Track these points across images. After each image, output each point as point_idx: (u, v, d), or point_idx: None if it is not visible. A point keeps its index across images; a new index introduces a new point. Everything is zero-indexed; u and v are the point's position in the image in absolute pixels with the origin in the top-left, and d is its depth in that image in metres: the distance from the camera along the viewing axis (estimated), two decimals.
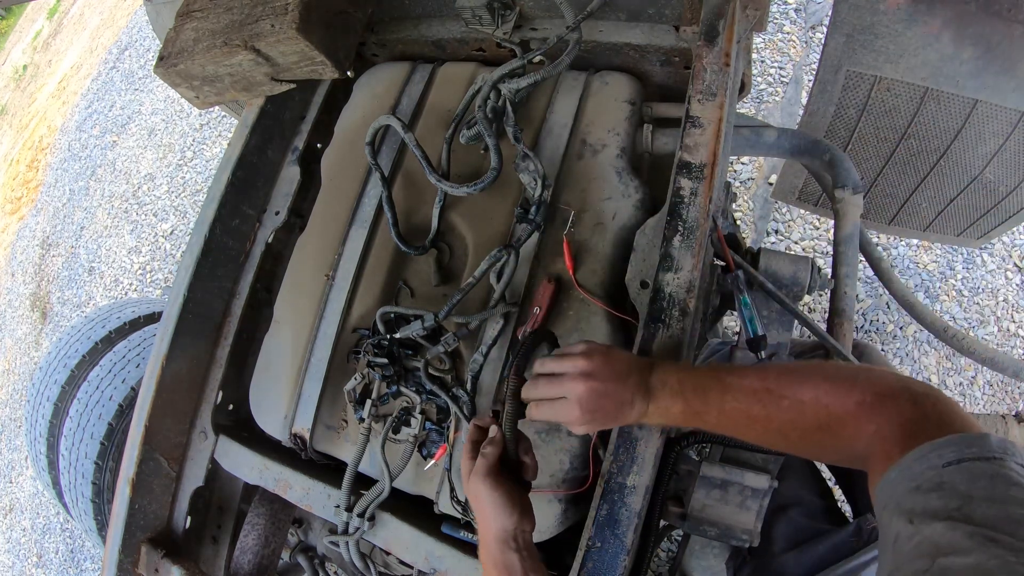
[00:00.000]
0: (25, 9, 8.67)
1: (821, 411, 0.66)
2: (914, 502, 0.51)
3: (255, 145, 1.31)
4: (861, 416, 0.63)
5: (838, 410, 0.65)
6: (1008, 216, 1.66)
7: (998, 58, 1.23)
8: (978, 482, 0.49)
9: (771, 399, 0.69)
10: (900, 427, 0.59)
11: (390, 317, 1.11)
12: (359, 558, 1.18)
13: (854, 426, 0.63)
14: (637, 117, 1.20)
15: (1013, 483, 0.49)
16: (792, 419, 0.68)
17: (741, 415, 0.71)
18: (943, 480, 0.51)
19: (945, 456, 0.52)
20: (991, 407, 2.30)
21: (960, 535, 0.46)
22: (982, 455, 0.51)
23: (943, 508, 0.49)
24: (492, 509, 0.77)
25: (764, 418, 0.70)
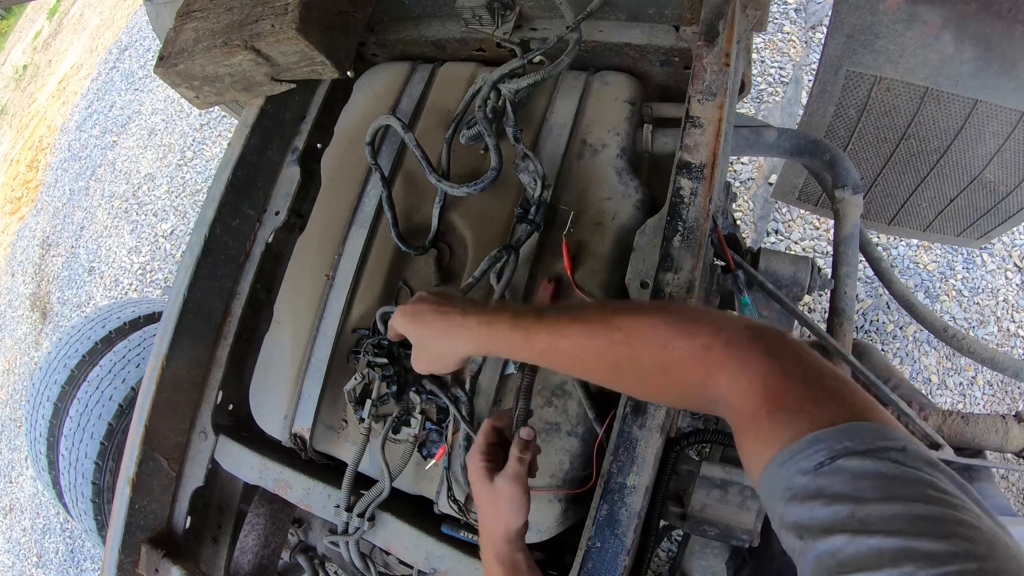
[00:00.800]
0: (25, 9, 8.67)
1: (659, 351, 0.59)
2: (797, 515, 0.45)
3: (255, 145, 1.31)
4: (709, 360, 0.56)
5: (679, 352, 0.58)
6: (1008, 216, 1.66)
7: (998, 58, 1.23)
8: (860, 482, 0.44)
9: (605, 330, 0.63)
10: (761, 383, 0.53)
11: (390, 317, 1.11)
12: (359, 558, 1.18)
13: (701, 373, 0.57)
14: (637, 117, 1.20)
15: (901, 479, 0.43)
16: (628, 355, 0.61)
17: (572, 343, 0.65)
18: (820, 485, 0.45)
19: (815, 456, 0.46)
20: (991, 407, 2.31)
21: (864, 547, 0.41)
22: (855, 449, 0.45)
23: (832, 518, 0.43)
24: (512, 510, 0.77)
25: (596, 349, 0.63)
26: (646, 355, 0.60)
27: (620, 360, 0.62)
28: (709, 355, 0.56)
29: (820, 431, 0.47)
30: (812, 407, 0.50)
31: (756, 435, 0.52)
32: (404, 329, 0.83)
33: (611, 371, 0.64)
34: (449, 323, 0.77)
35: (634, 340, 0.61)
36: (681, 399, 0.63)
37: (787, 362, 0.54)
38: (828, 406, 0.49)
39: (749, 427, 0.53)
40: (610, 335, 0.62)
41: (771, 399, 0.52)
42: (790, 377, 0.53)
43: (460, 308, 0.78)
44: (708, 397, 0.57)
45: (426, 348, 0.81)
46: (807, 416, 0.49)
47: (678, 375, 0.59)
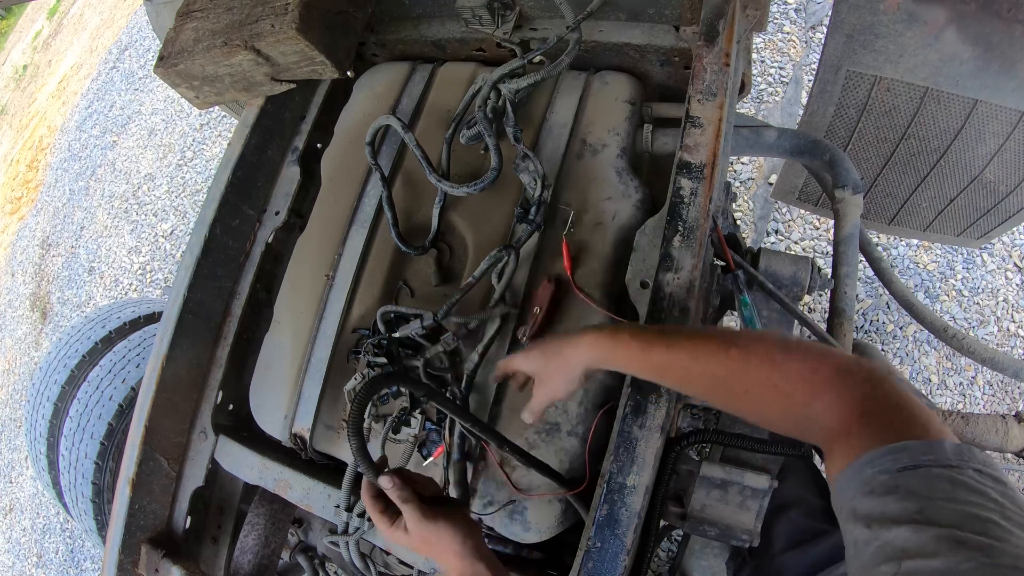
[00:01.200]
0: (25, 9, 8.67)
1: (772, 370, 0.64)
2: (870, 507, 0.50)
3: (255, 145, 1.31)
4: (816, 383, 0.61)
5: (790, 371, 0.63)
6: (1008, 216, 1.66)
7: (998, 58, 1.23)
8: (936, 486, 0.48)
9: (720, 344, 0.68)
10: (858, 404, 0.58)
11: (390, 317, 1.11)
12: (359, 558, 1.18)
13: (807, 392, 0.62)
14: (637, 117, 1.20)
15: (973, 489, 0.48)
16: (739, 369, 0.66)
17: (688, 357, 0.70)
18: (899, 484, 0.49)
19: (900, 460, 0.51)
20: (991, 407, 2.31)
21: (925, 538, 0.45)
22: (939, 461, 0.50)
23: (903, 512, 0.47)
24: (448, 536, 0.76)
25: (710, 363, 0.68)
26: (757, 371, 0.65)
27: (731, 374, 0.67)
28: (816, 376, 0.61)
29: (908, 441, 0.52)
30: (900, 426, 0.55)
31: (844, 444, 0.56)
32: (526, 361, 0.87)
33: (720, 385, 0.69)
34: (571, 340, 0.81)
35: (749, 356, 0.66)
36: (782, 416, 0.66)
37: (883, 389, 0.59)
38: (915, 426, 0.54)
39: (840, 439, 0.58)
40: (726, 351, 0.68)
41: (865, 416, 0.57)
42: (885, 399, 0.58)
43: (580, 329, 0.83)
44: (809, 417, 0.62)
45: (549, 371, 0.83)
46: (895, 430, 0.54)
47: (785, 391, 0.63)
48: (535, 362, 0.86)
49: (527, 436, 1.02)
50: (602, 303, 1.05)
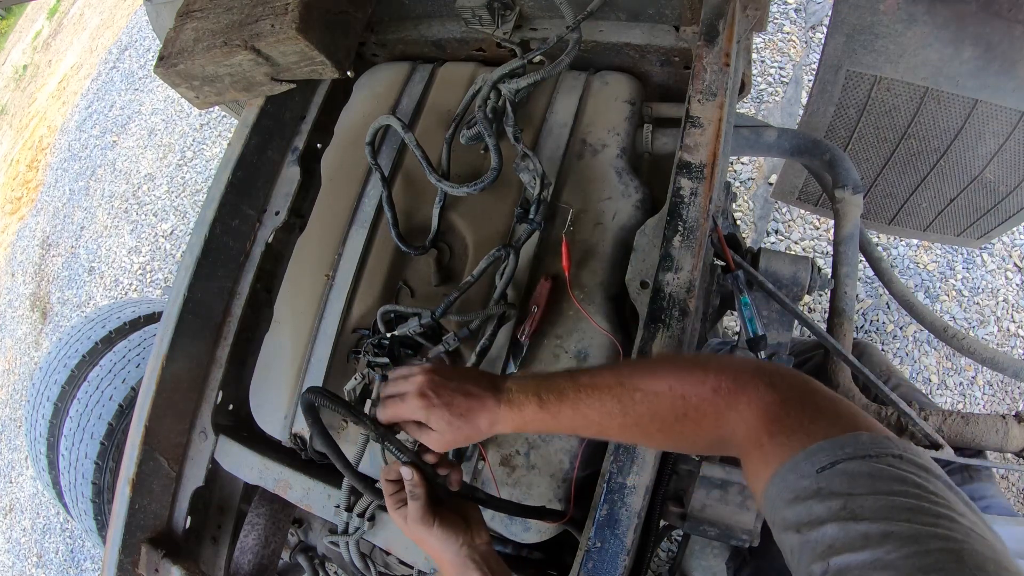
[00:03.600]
0: (25, 9, 8.67)
1: (677, 401, 0.65)
2: (797, 514, 0.50)
3: (255, 145, 1.31)
4: (719, 402, 0.62)
5: (694, 399, 0.64)
6: (1008, 216, 1.66)
7: (998, 58, 1.23)
8: (857, 480, 0.48)
9: (624, 392, 0.69)
10: (763, 411, 0.58)
11: (391, 316, 1.11)
12: (359, 558, 1.18)
13: (713, 413, 0.63)
14: (637, 117, 1.20)
15: (893, 478, 0.48)
16: (648, 411, 0.67)
17: (596, 411, 0.70)
18: (820, 486, 0.49)
19: (818, 461, 0.51)
20: (991, 407, 2.31)
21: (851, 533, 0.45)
22: (856, 454, 0.50)
23: (826, 512, 0.48)
24: (439, 543, 0.77)
25: (620, 413, 0.69)
26: (665, 407, 0.66)
27: (643, 418, 0.68)
28: (717, 396, 0.62)
29: (823, 441, 0.52)
30: (809, 424, 0.55)
31: (759, 456, 0.57)
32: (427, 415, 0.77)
33: (636, 429, 0.70)
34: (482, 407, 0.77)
35: (652, 397, 0.67)
36: (701, 442, 0.68)
37: (785, 390, 0.59)
38: (822, 422, 0.54)
39: (753, 452, 0.58)
40: (631, 396, 0.68)
41: (771, 423, 0.57)
42: (787, 402, 0.58)
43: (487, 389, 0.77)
44: (722, 435, 0.63)
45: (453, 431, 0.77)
46: (804, 432, 0.54)
47: (695, 419, 0.64)
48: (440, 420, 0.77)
49: (527, 436, 1.02)
50: (602, 303, 1.05)
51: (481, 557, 0.77)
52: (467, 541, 0.77)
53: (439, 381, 0.78)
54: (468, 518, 0.80)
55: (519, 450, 1.02)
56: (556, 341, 1.04)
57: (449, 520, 0.78)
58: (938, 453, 1.16)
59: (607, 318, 1.04)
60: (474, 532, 0.79)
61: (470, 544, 0.77)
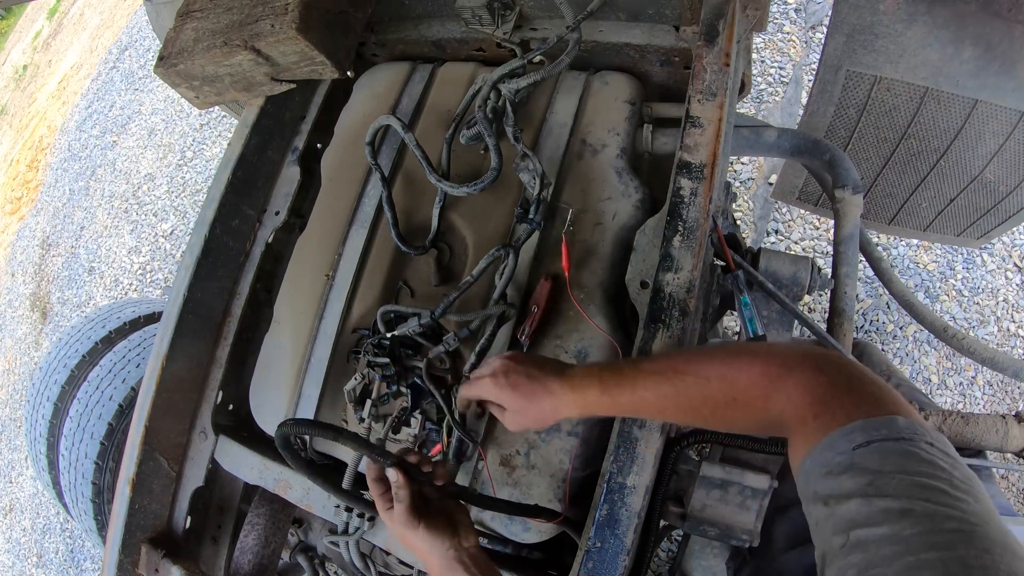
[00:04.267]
0: (25, 9, 8.67)
1: (726, 385, 0.68)
2: (827, 487, 0.52)
3: (255, 145, 1.31)
4: (768, 385, 0.64)
5: (743, 382, 0.67)
6: (1008, 216, 1.66)
7: (998, 58, 1.23)
8: (888, 459, 0.50)
9: (677, 377, 0.72)
10: (810, 392, 0.60)
11: (391, 316, 1.11)
12: (359, 558, 1.18)
13: (762, 396, 0.65)
14: (637, 117, 1.20)
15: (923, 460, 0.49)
16: (700, 394, 0.70)
17: (653, 394, 0.74)
18: (853, 462, 0.51)
19: (854, 440, 0.53)
20: (991, 407, 2.31)
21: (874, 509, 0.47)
22: (891, 436, 0.52)
23: (855, 486, 0.50)
24: (424, 544, 0.78)
25: (674, 395, 0.73)
26: (716, 392, 0.69)
27: (695, 401, 0.71)
28: (765, 379, 0.65)
29: (859, 421, 0.54)
30: (851, 407, 0.56)
31: (802, 433, 0.59)
32: (498, 394, 0.84)
33: (689, 412, 0.73)
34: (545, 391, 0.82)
35: (703, 381, 0.70)
36: (752, 424, 0.70)
37: (832, 373, 0.61)
38: (865, 405, 0.56)
39: (799, 430, 0.60)
40: (683, 380, 0.72)
41: (817, 403, 0.59)
42: (834, 384, 0.60)
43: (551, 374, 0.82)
44: (771, 418, 0.65)
45: (525, 414, 0.84)
46: (846, 413, 0.56)
47: (745, 402, 0.67)
48: (508, 399, 0.84)
49: (527, 436, 1.02)
50: (602, 303, 1.05)
51: (469, 559, 0.78)
52: (454, 544, 0.78)
53: (511, 366, 0.84)
54: (455, 521, 0.81)
55: (519, 450, 1.02)
56: (556, 341, 1.04)
57: (436, 522, 0.79)
58: None
59: (607, 318, 1.04)
60: (462, 534, 0.80)
61: (456, 547, 0.78)
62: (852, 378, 0.60)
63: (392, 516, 0.80)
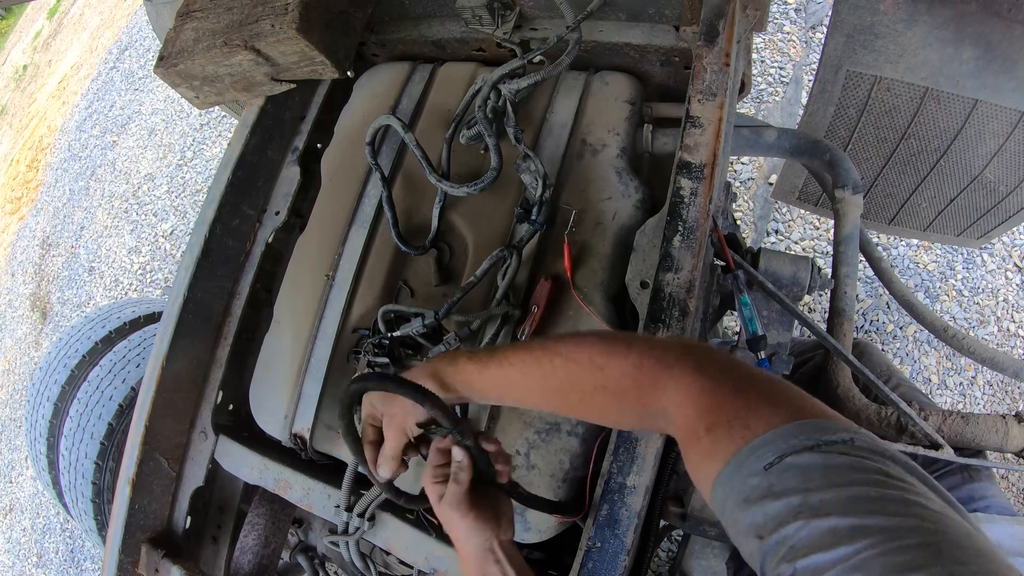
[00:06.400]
0: (25, 9, 8.67)
1: (596, 371, 0.63)
2: (752, 518, 0.46)
3: (255, 145, 1.31)
4: (641, 378, 0.59)
5: (614, 371, 0.62)
6: (1008, 216, 1.66)
7: (998, 58, 1.23)
8: (810, 474, 0.45)
9: (545, 356, 0.68)
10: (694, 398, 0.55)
11: (391, 316, 1.11)
12: (359, 558, 1.18)
13: (635, 388, 0.60)
14: (637, 117, 1.20)
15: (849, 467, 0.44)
16: (567, 378, 0.66)
17: (519, 372, 0.70)
18: (771, 483, 0.46)
19: (763, 457, 0.47)
20: (991, 407, 2.31)
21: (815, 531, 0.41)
22: (802, 445, 0.46)
23: (785, 510, 0.44)
24: (467, 532, 0.75)
25: (540, 376, 0.68)
26: (584, 376, 0.64)
27: (562, 384, 0.67)
28: (640, 373, 0.60)
29: (764, 435, 0.48)
30: (747, 416, 0.51)
31: (698, 453, 0.54)
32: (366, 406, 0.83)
33: (556, 395, 0.69)
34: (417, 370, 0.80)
35: (571, 364, 0.65)
36: (623, 417, 0.66)
37: (716, 375, 0.56)
38: (762, 412, 0.51)
39: (691, 445, 0.55)
40: (551, 360, 0.67)
41: (706, 415, 0.54)
42: (721, 390, 0.54)
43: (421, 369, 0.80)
44: (649, 414, 0.61)
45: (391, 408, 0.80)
46: (742, 424, 0.50)
47: (614, 393, 0.62)
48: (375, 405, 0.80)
49: (527, 436, 1.02)
50: (602, 304, 1.05)
51: (505, 554, 0.76)
52: (496, 535, 0.75)
53: None
54: (500, 513, 0.78)
55: (519, 450, 1.02)
56: None
57: (484, 512, 0.75)
58: (938, 453, 1.16)
59: (607, 318, 1.04)
60: (503, 527, 0.77)
61: (498, 539, 0.76)
62: (739, 379, 0.55)
63: (441, 493, 0.76)
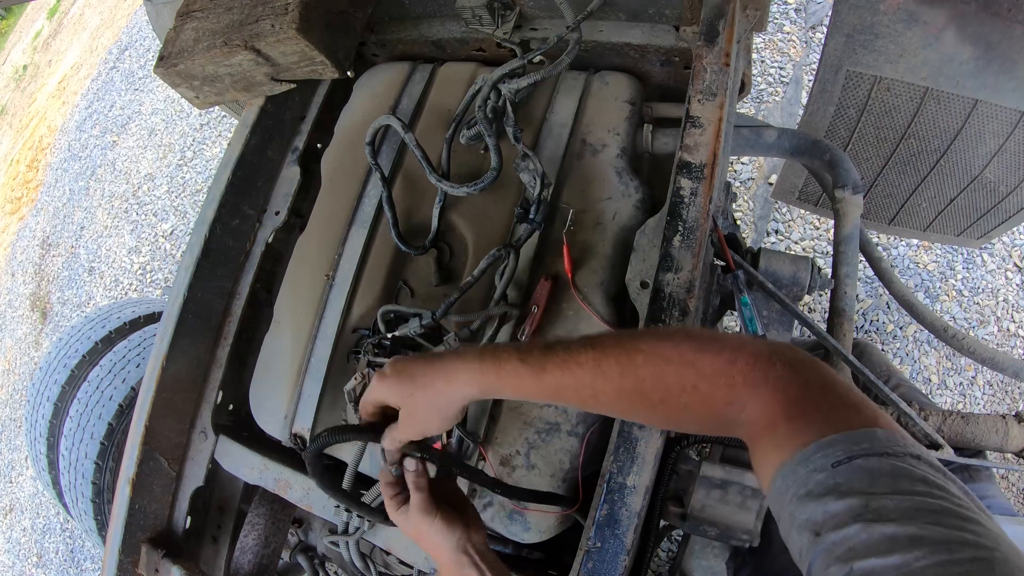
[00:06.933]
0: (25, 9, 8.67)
1: (686, 368, 0.58)
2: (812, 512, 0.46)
3: (255, 145, 1.31)
4: (735, 376, 0.56)
5: (708, 369, 0.57)
6: (1008, 216, 1.66)
7: (998, 58, 1.23)
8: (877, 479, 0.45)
9: (624, 354, 0.60)
10: (781, 393, 0.54)
11: (391, 316, 1.11)
12: (359, 558, 1.18)
13: (726, 387, 0.57)
14: (637, 117, 1.20)
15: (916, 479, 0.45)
16: (652, 375, 0.59)
17: (589, 373, 0.61)
18: (837, 482, 0.46)
19: (833, 455, 0.47)
20: (991, 407, 2.31)
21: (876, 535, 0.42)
22: (873, 451, 0.46)
23: (847, 510, 0.44)
24: (438, 537, 0.75)
25: (618, 375, 0.60)
26: (672, 373, 0.59)
27: (643, 382, 0.60)
28: (734, 369, 0.57)
29: (836, 435, 0.48)
30: (829, 412, 0.51)
31: (772, 440, 0.53)
32: (388, 393, 0.72)
33: (634, 398, 0.61)
34: (444, 369, 0.69)
35: (659, 360, 0.59)
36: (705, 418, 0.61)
37: (806, 373, 0.56)
38: (843, 413, 0.51)
39: (765, 434, 0.54)
40: (630, 359, 0.60)
41: (790, 406, 0.54)
42: (808, 387, 0.54)
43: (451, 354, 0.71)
44: (731, 414, 0.58)
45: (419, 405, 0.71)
46: (823, 419, 0.51)
47: (705, 391, 0.58)
48: (396, 393, 0.72)
49: (527, 436, 1.02)
50: (602, 304, 1.05)
51: (478, 552, 0.76)
52: (464, 535, 0.76)
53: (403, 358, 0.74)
54: (466, 514, 0.80)
55: (519, 450, 1.02)
56: None
57: (448, 514, 0.77)
58: (938, 453, 1.16)
59: (607, 319, 1.04)
60: (472, 528, 0.78)
61: (468, 539, 0.76)
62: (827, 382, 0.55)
63: (407, 509, 0.76)
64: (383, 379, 0.73)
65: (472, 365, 0.68)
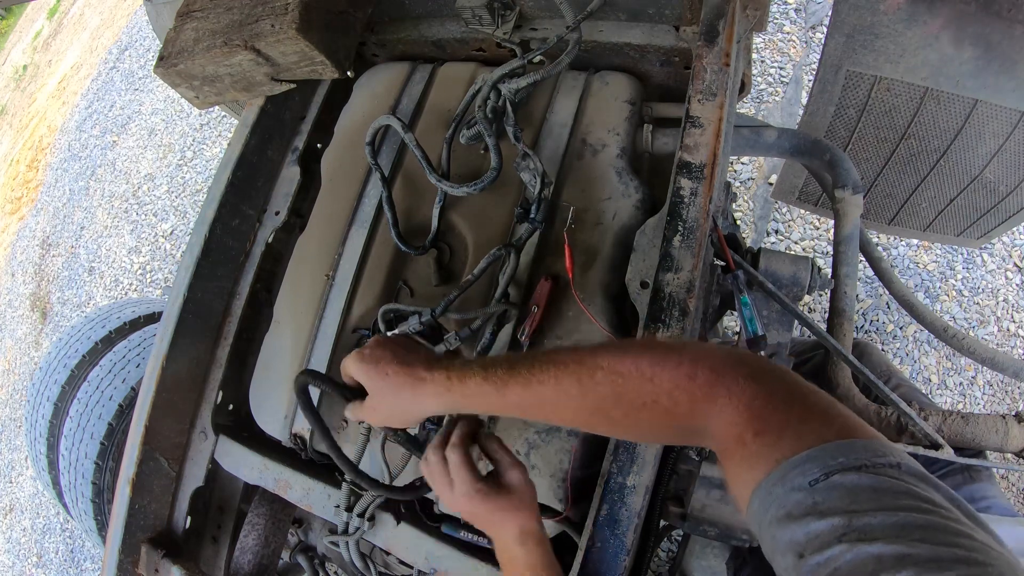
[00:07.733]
0: (25, 9, 8.67)
1: (645, 384, 0.58)
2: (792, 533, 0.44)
3: (255, 145, 1.31)
4: (695, 390, 0.56)
5: (667, 384, 0.57)
6: (1008, 216, 1.66)
7: (998, 58, 1.23)
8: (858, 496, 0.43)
9: (584, 371, 0.61)
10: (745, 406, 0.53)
11: (391, 316, 1.11)
12: (359, 558, 1.18)
13: (687, 401, 0.56)
14: (637, 117, 1.20)
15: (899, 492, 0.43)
16: (612, 392, 0.59)
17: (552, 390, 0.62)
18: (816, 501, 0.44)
19: (809, 473, 0.45)
20: (991, 407, 2.31)
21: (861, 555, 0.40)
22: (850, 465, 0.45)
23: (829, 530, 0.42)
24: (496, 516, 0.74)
25: (579, 393, 0.61)
26: (631, 390, 0.59)
27: (603, 399, 0.60)
28: (694, 383, 0.56)
29: (811, 450, 0.47)
30: (799, 426, 0.50)
31: (743, 459, 0.52)
32: (361, 376, 0.75)
33: (595, 412, 0.62)
34: (412, 378, 0.71)
35: (617, 376, 0.59)
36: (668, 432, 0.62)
37: (770, 384, 0.54)
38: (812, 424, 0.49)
39: (735, 452, 0.53)
40: (590, 375, 0.60)
41: (756, 421, 0.52)
42: (774, 398, 0.53)
43: (424, 361, 0.73)
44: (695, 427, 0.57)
45: (385, 401, 0.74)
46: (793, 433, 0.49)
47: (665, 406, 0.57)
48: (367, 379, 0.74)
49: (527, 436, 1.02)
50: (602, 304, 1.05)
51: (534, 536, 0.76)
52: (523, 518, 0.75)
53: (387, 346, 0.75)
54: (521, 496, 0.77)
55: (519, 450, 1.02)
56: (556, 341, 1.04)
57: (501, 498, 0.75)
58: (938, 453, 1.16)
59: (607, 319, 1.04)
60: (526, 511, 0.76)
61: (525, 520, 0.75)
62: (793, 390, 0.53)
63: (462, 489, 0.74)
64: (361, 359, 0.75)
65: (439, 380, 0.70)
